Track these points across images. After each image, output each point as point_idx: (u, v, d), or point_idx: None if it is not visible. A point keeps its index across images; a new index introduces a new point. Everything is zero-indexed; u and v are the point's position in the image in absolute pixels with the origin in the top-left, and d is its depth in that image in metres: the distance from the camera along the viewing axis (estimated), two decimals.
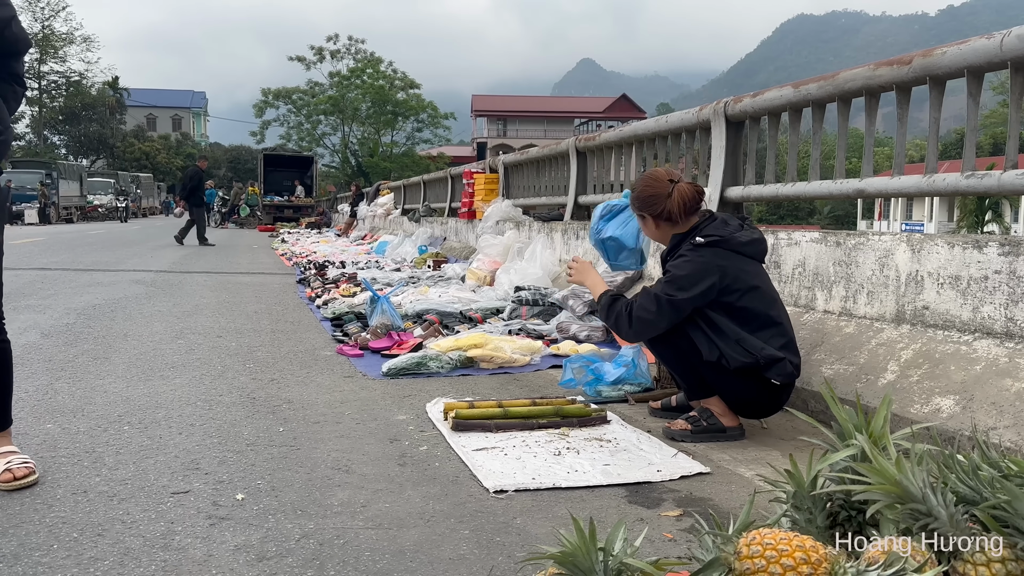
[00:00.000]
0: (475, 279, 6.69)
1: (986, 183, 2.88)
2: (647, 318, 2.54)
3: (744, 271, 2.57)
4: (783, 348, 2.53)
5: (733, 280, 2.53)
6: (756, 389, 2.54)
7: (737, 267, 2.56)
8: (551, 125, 66.83)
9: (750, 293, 2.55)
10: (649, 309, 2.54)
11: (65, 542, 1.70)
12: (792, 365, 2.54)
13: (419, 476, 2.18)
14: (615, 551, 1.19)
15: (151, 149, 59.47)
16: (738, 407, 2.62)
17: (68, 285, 7.00)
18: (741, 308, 2.53)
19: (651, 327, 2.56)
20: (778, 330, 2.56)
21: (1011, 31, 2.69)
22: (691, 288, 2.50)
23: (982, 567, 1.12)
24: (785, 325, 2.60)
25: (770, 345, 2.51)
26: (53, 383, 3.21)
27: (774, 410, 2.64)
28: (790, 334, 2.61)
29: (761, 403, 2.60)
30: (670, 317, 2.53)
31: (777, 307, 2.62)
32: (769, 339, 2.53)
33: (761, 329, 2.53)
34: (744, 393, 2.56)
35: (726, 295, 2.53)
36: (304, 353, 4.02)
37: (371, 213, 17.20)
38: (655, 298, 2.54)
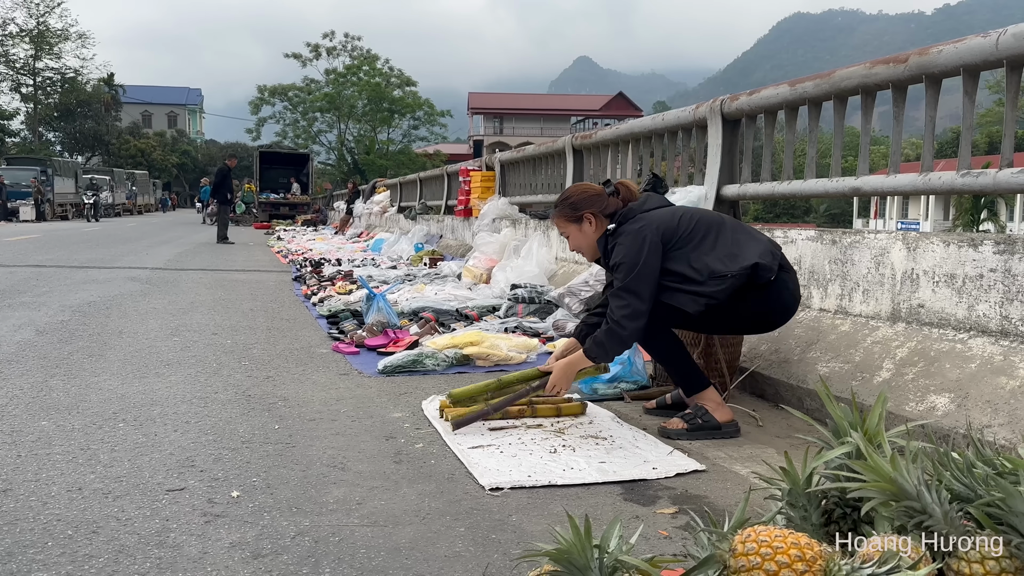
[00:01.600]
0: (471, 277, 6.69)
1: (982, 182, 2.88)
2: (627, 310, 2.50)
3: (677, 219, 2.60)
4: (759, 256, 2.52)
5: (672, 231, 2.57)
6: (753, 303, 2.56)
7: (666, 220, 2.60)
8: (548, 123, 66.82)
9: (696, 234, 2.57)
10: (622, 302, 2.51)
11: (60, 539, 1.70)
12: (771, 257, 2.54)
13: (415, 473, 2.18)
14: (610, 548, 1.19)
15: (147, 146, 59.31)
16: (755, 328, 2.72)
17: (63, 282, 6.98)
18: (696, 249, 2.55)
19: (637, 314, 2.50)
20: (745, 248, 2.55)
21: (1007, 30, 2.70)
22: (640, 254, 2.51)
23: (976, 564, 1.13)
24: (748, 243, 2.58)
25: (743, 256, 2.52)
26: (48, 380, 3.20)
27: (786, 316, 2.68)
28: (760, 245, 2.58)
29: (768, 314, 2.64)
30: (646, 290, 2.50)
31: (734, 234, 2.61)
32: (735, 257, 2.53)
33: (726, 254, 2.54)
34: (747, 314, 2.61)
35: (675, 247, 2.56)
36: (300, 350, 4.01)
37: (367, 211, 17.18)
38: (620, 291, 2.52)
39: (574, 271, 5.66)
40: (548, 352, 4.00)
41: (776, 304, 2.63)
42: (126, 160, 54.55)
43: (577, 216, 2.75)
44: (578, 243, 2.81)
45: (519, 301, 5.02)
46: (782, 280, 2.60)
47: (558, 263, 6.21)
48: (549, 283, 5.63)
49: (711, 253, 2.54)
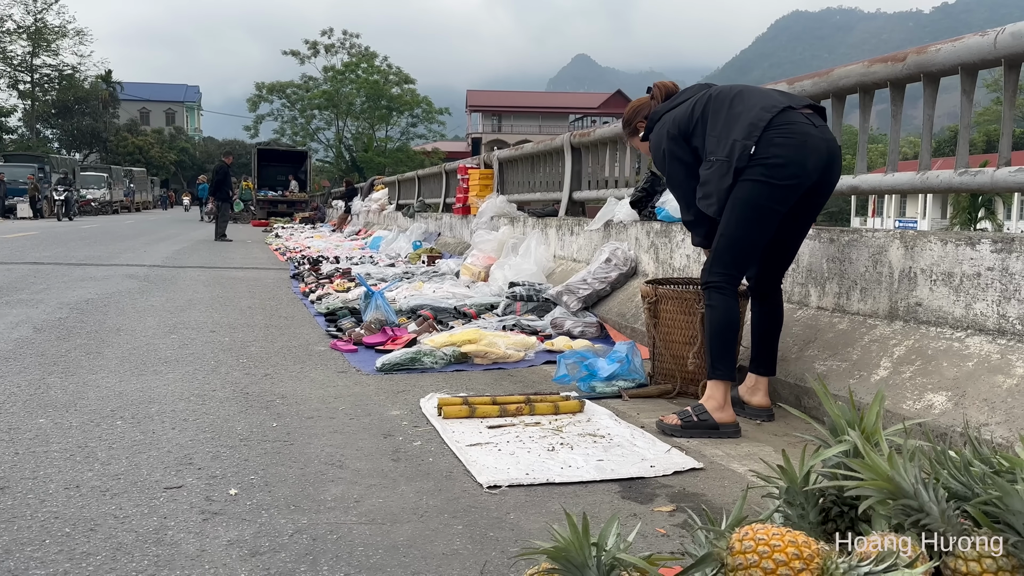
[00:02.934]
0: (469, 275, 6.69)
1: (979, 180, 2.89)
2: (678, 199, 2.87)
3: (691, 108, 2.71)
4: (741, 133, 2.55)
5: (686, 120, 2.69)
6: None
7: (681, 112, 2.73)
8: (546, 121, 66.80)
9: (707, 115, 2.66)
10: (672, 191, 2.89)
11: (57, 537, 1.69)
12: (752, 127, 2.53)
13: (413, 471, 2.18)
14: (608, 546, 1.19)
15: (144, 143, 59.20)
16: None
17: (61, 279, 6.97)
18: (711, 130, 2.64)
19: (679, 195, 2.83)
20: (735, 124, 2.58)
21: (1005, 28, 2.70)
22: (660, 150, 2.78)
23: (973, 562, 1.13)
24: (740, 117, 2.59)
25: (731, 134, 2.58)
26: (45, 378, 3.19)
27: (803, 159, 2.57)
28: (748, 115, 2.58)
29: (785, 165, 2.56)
30: (678, 173, 2.77)
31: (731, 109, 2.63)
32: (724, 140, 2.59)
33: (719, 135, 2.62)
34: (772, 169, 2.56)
35: (693, 134, 2.69)
36: (298, 348, 4.01)
37: (365, 208, 17.18)
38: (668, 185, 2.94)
39: (572, 269, 5.67)
40: (546, 350, 4.01)
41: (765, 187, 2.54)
42: (124, 157, 54.44)
43: (632, 129, 3.06)
44: (647, 151, 3.02)
45: (517, 299, 5.02)
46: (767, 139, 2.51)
47: (556, 261, 6.21)
48: (547, 281, 5.63)
49: (712, 135, 2.63)
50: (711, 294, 2.66)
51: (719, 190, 2.56)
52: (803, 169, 2.52)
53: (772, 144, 2.49)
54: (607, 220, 5.40)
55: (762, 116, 2.52)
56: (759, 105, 2.56)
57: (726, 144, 2.55)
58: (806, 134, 2.53)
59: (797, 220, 2.72)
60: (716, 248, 2.65)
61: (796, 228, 2.77)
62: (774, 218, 2.59)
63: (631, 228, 5.03)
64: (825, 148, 2.56)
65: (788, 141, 2.50)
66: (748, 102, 2.59)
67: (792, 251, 2.85)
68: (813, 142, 2.53)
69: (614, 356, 3.23)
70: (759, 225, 2.58)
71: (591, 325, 4.42)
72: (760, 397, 2.80)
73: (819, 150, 2.54)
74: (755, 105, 2.57)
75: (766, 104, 2.56)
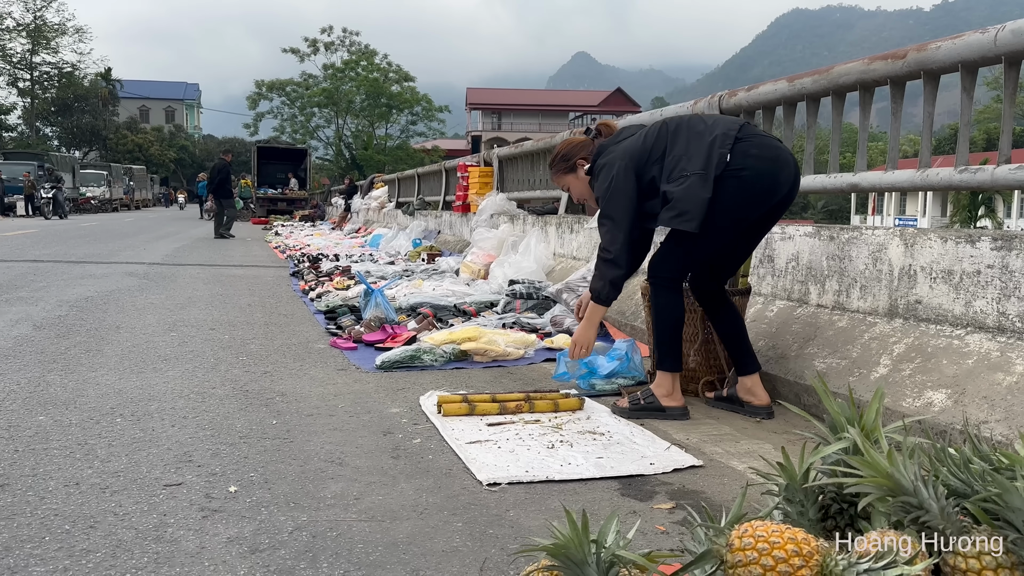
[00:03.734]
0: (469, 272, 6.69)
1: (979, 178, 2.89)
2: (607, 235, 2.69)
3: (642, 137, 2.70)
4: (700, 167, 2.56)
5: (641, 151, 2.67)
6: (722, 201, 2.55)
7: (634, 143, 2.71)
8: (546, 118, 66.78)
9: (660, 147, 2.65)
10: (602, 229, 2.71)
11: (57, 534, 1.70)
12: (707, 159, 2.54)
13: (412, 469, 2.18)
14: (608, 543, 1.19)
15: (144, 141, 59.19)
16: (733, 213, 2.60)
17: (60, 277, 6.97)
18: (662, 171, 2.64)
19: (614, 235, 2.67)
20: (692, 159, 2.58)
21: (1005, 26, 2.70)
22: (608, 180, 2.68)
23: (972, 559, 1.13)
24: (695, 151, 2.59)
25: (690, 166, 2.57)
26: (45, 375, 3.19)
27: (768, 193, 2.60)
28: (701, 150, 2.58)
29: (744, 203, 2.58)
30: (617, 210, 2.66)
31: (688, 143, 2.62)
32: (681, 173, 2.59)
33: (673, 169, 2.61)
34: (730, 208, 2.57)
35: (649, 163, 2.65)
36: (297, 346, 4.01)
37: (365, 206, 17.17)
38: (599, 220, 2.72)
39: (572, 267, 5.66)
40: (546, 348, 4.01)
41: (738, 195, 2.55)
42: (123, 155, 54.43)
43: (570, 166, 2.96)
44: (579, 191, 2.98)
45: (517, 297, 5.02)
46: (740, 149, 2.54)
47: (556, 259, 6.21)
48: (547, 279, 5.63)
49: (676, 156, 2.62)
50: (658, 291, 2.76)
51: (698, 203, 2.52)
52: (775, 181, 2.58)
53: (747, 155, 2.54)
54: None
55: (732, 126, 2.59)
56: (723, 121, 2.64)
57: (699, 158, 2.56)
58: (777, 147, 2.62)
59: (754, 232, 2.78)
60: (670, 251, 2.69)
61: (749, 241, 2.83)
62: (739, 228, 2.65)
63: None
64: (792, 163, 2.65)
65: (763, 153, 2.57)
66: (709, 122, 2.66)
67: (740, 262, 2.93)
68: (783, 156, 2.62)
69: (614, 354, 3.23)
70: (722, 234, 2.63)
71: None
72: (759, 395, 2.81)
73: (788, 164, 2.62)
74: (719, 122, 2.64)
75: (729, 120, 2.65)
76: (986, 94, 45.55)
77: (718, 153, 2.53)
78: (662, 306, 2.76)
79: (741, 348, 2.85)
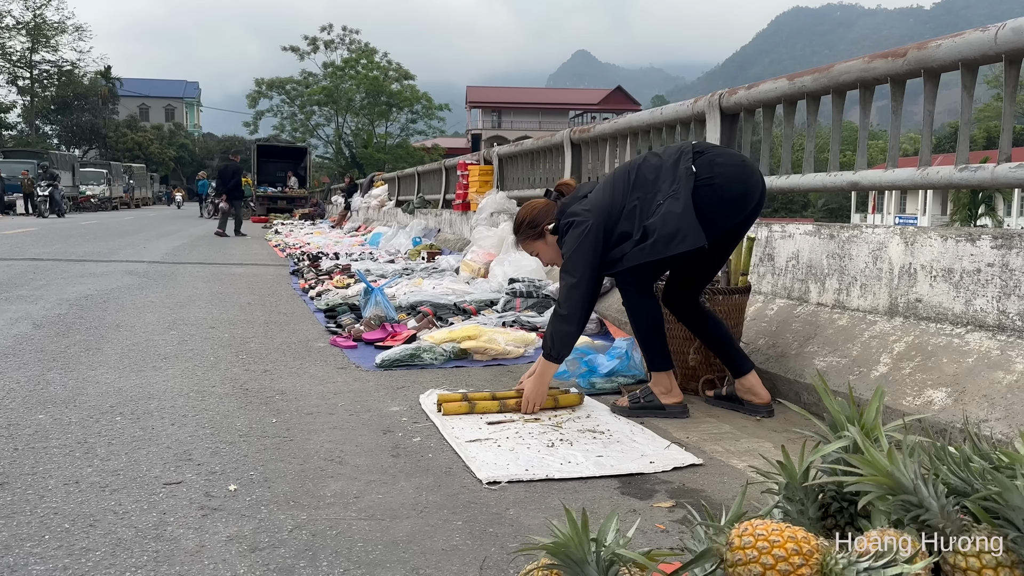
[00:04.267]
0: (469, 271, 6.69)
1: (980, 176, 2.88)
2: (563, 291, 2.70)
3: (610, 199, 2.69)
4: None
5: (609, 205, 2.67)
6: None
7: (601, 199, 2.70)
8: (546, 117, 66.77)
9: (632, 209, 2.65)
10: (559, 285, 2.74)
11: (57, 533, 1.70)
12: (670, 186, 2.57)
13: (412, 467, 2.18)
14: (607, 542, 1.19)
15: (144, 139, 59.14)
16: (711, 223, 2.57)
17: (60, 275, 6.97)
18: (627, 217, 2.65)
19: (570, 291, 2.67)
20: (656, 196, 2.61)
21: (1005, 24, 2.69)
22: (576, 240, 2.66)
23: (972, 558, 1.13)
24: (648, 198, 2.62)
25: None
26: (45, 373, 3.19)
27: (737, 202, 2.62)
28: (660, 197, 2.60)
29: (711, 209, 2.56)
30: (578, 265, 2.65)
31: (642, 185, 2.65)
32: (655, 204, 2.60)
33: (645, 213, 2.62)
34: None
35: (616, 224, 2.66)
36: (297, 344, 4.01)
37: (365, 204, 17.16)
38: (560, 275, 2.74)
39: None
40: None
41: (715, 203, 2.55)
42: (123, 153, 54.39)
43: (538, 232, 2.94)
44: (548, 257, 2.97)
45: (517, 295, 5.02)
46: (705, 160, 2.57)
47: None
48: (547, 277, 5.63)
49: (644, 193, 2.65)
50: (628, 296, 2.78)
51: (687, 220, 2.51)
52: (747, 186, 2.60)
53: (713, 164, 2.57)
54: None
55: (685, 146, 2.65)
56: (675, 146, 2.71)
57: (665, 183, 2.58)
58: (739, 155, 2.68)
59: (725, 243, 2.77)
60: (640, 255, 2.63)
61: (720, 252, 2.81)
62: (714, 235, 2.61)
63: None
64: (756, 170, 2.68)
65: (727, 160, 2.60)
66: (661, 153, 2.71)
67: (712, 274, 2.90)
68: (748, 162, 2.66)
69: (614, 352, 3.23)
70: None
71: (591, 321, 4.42)
72: (759, 394, 2.80)
73: (754, 171, 2.65)
74: (670, 149, 2.70)
75: (680, 144, 2.71)
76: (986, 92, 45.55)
77: (683, 168, 2.56)
78: (634, 309, 2.78)
79: (731, 353, 2.85)
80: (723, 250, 2.81)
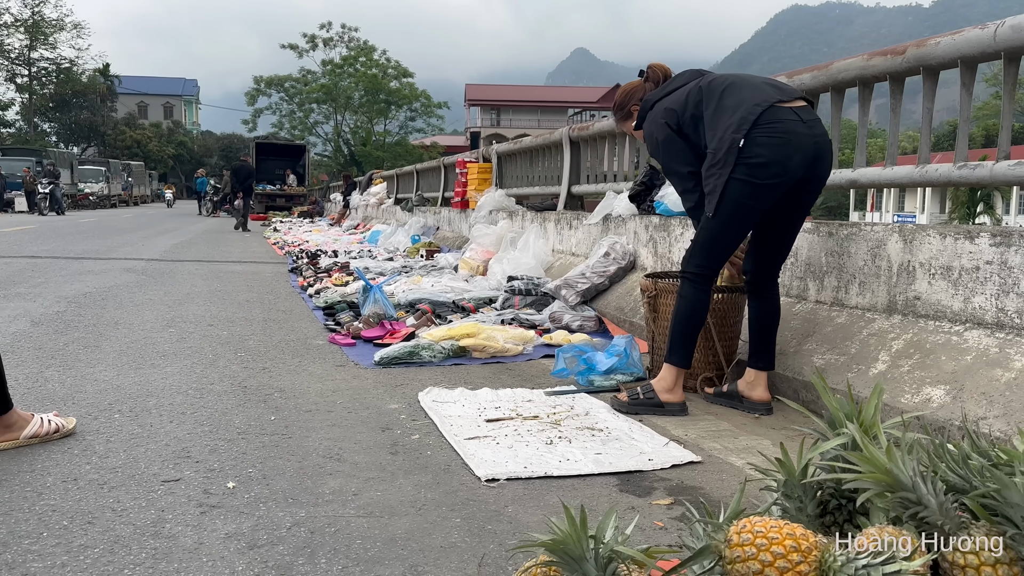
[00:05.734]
0: (468, 269, 6.68)
1: (978, 174, 2.88)
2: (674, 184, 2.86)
3: (684, 97, 2.72)
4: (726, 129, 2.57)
5: (680, 111, 2.71)
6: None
7: (675, 101, 2.74)
8: (545, 115, 66.68)
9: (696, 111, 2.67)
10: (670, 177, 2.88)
11: (55, 530, 1.69)
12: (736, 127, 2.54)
13: (411, 465, 2.18)
14: (606, 539, 1.19)
15: (142, 137, 59.06)
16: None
17: (59, 273, 6.96)
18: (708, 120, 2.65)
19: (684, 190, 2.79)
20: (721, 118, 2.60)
21: (1005, 22, 2.69)
22: (653, 142, 2.80)
23: (971, 555, 1.13)
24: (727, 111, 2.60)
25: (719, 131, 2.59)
26: (43, 371, 3.19)
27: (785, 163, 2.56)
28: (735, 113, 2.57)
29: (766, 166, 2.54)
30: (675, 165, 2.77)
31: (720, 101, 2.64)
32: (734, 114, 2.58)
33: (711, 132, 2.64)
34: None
35: (682, 128, 2.71)
36: (296, 342, 4.01)
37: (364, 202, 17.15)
38: (665, 173, 2.89)
39: (571, 263, 5.66)
40: (545, 344, 4.01)
41: (746, 185, 2.54)
42: (122, 151, 54.33)
43: (626, 113, 3.08)
44: (639, 137, 3.04)
45: (516, 293, 5.02)
46: (751, 137, 2.52)
47: (555, 255, 6.20)
48: (546, 275, 5.63)
49: (708, 130, 2.65)
50: (684, 285, 2.76)
51: (717, 187, 2.57)
52: (785, 169, 2.54)
53: (756, 144, 2.51)
54: (606, 214, 5.39)
55: (752, 111, 2.53)
56: (750, 100, 2.56)
57: (717, 140, 2.58)
58: (791, 132, 2.53)
59: (789, 215, 2.73)
60: (695, 242, 2.72)
61: (789, 223, 2.78)
62: (754, 216, 2.64)
63: (630, 222, 5.02)
64: (812, 144, 2.55)
65: (771, 140, 2.51)
66: (739, 95, 2.59)
67: (787, 246, 2.85)
68: (798, 140, 2.53)
69: (612, 350, 3.23)
70: (738, 223, 2.64)
71: (589, 319, 4.42)
72: (759, 391, 2.81)
73: (804, 147, 2.54)
74: (745, 100, 2.57)
75: (757, 99, 2.55)
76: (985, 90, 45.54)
77: (730, 139, 2.53)
78: (683, 298, 2.75)
79: (766, 342, 2.82)
80: (785, 227, 2.77)
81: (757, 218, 2.65)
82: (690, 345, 2.76)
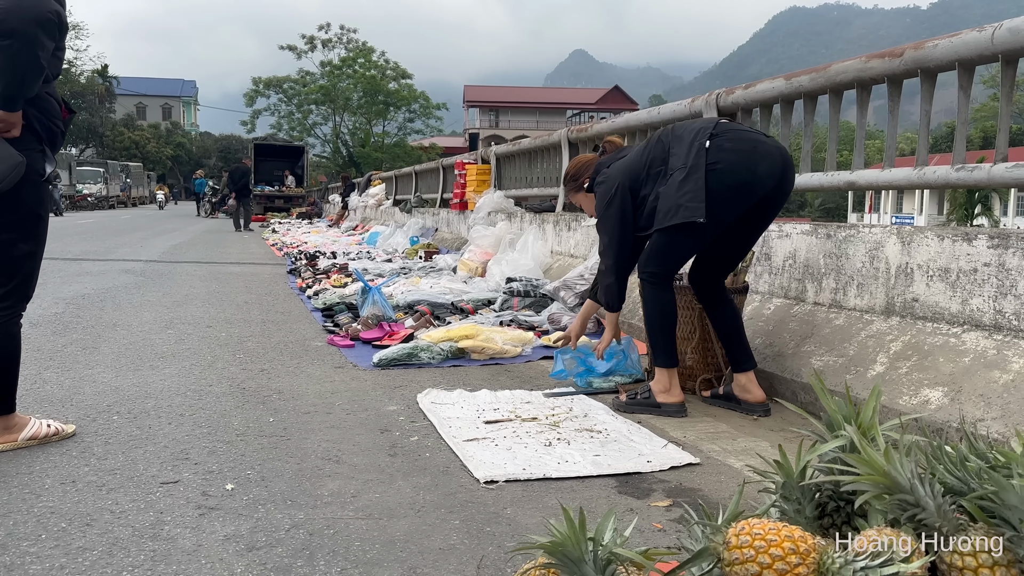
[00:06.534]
0: (467, 270, 6.69)
1: (976, 176, 2.89)
2: (602, 249, 2.90)
3: (639, 159, 2.79)
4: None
5: (637, 169, 2.77)
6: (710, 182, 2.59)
7: (631, 162, 2.81)
8: (543, 116, 66.70)
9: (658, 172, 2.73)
10: (600, 246, 2.92)
11: (54, 532, 1.69)
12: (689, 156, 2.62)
13: (409, 466, 2.18)
14: (605, 541, 1.19)
15: (141, 138, 58.99)
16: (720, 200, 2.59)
17: (57, 274, 6.95)
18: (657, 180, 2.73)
19: (607, 250, 2.87)
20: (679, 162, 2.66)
21: (1002, 24, 2.70)
22: (603, 202, 2.84)
23: (969, 557, 1.13)
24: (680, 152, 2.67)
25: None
26: (42, 373, 3.19)
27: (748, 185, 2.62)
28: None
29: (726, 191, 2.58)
30: (610, 228, 2.82)
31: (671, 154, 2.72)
32: None
33: None
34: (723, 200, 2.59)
35: (642, 186, 2.76)
36: (295, 343, 4.01)
37: (362, 203, 17.15)
38: (599, 233, 2.93)
39: (569, 264, 5.66)
40: (543, 345, 4.01)
41: (715, 191, 2.56)
42: (120, 152, 54.25)
43: (579, 184, 3.14)
44: (589, 208, 3.13)
45: (514, 294, 5.02)
46: (716, 144, 2.58)
47: (553, 256, 6.20)
48: (544, 276, 5.63)
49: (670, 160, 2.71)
50: (645, 288, 2.80)
51: (684, 195, 2.57)
52: (754, 174, 2.58)
53: (722, 150, 2.58)
54: None
55: (709, 123, 2.67)
56: (704, 121, 2.74)
57: (679, 157, 2.64)
58: (755, 140, 2.65)
59: (748, 227, 2.78)
60: (654, 245, 2.76)
61: (746, 236, 2.82)
62: (717, 225, 2.63)
63: None
64: (779, 154, 2.63)
65: (738, 147, 2.59)
66: (694, 125, 2.73)
67: (738, 258, 2.95)
68: (764, 147, 2.62)
69: (611, 352, 3.23)
70: (699, 231, 2.63)
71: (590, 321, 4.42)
72: (754, 392, 2.81)
73: (771, 155, 2.61)
74: (698, 122, 2.74)
75: (711, 119, 2.77)
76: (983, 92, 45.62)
77: (697, 144, 2.59)
78: (648, 301, 2.80)
79: (738, 345, 2.86)
80: (745, 235, 2.81)
81: (719, 227, 2.64)
82: (671, 343, 2.81)
